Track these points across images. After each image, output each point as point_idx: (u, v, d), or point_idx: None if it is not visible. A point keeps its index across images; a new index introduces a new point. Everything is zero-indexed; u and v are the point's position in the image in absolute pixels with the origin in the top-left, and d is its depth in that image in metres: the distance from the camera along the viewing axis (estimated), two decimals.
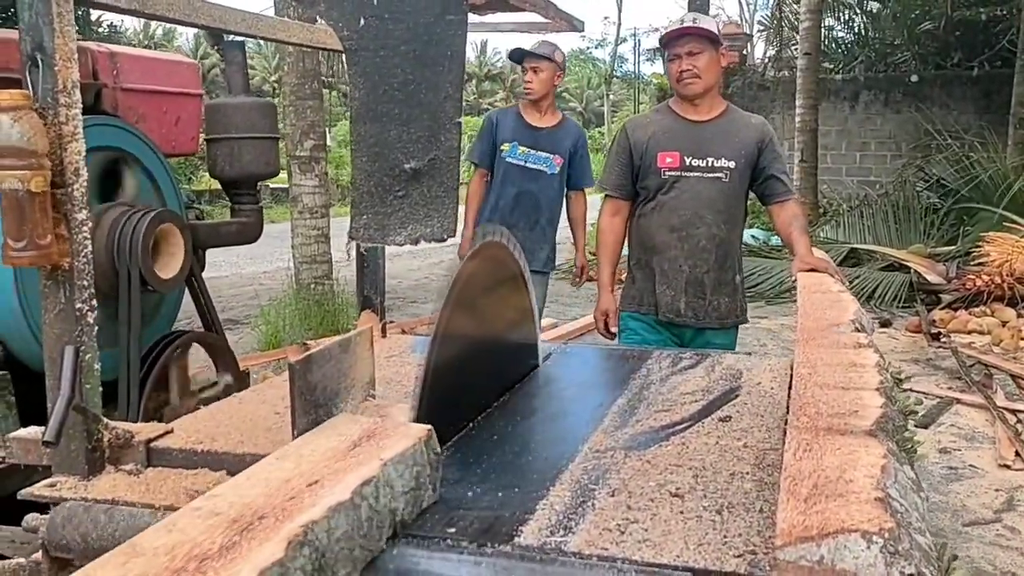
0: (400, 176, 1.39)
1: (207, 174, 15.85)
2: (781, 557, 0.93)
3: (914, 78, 12.97)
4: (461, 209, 1.96)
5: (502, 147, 4.31)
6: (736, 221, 3.10)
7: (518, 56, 4.29)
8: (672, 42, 2.95)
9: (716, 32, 3.00)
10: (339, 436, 1.24)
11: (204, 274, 3.20)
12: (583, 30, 3.11)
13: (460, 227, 3.08)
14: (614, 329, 3.19)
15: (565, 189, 4.46)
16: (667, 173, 2.98)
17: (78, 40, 1.41)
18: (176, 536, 0.96)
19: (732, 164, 2.97)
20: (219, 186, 3.50)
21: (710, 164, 2.97)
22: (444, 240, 1.45)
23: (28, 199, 1.25)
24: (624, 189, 3.09)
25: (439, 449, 1.28)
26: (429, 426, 1.27)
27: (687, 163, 2.97)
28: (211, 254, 3.49)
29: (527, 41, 4.35)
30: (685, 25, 2.94)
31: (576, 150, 4.40)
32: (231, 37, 2.76)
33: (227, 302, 8.32)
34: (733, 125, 3.04)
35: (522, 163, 4.29)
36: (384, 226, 1.40)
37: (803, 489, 1.09)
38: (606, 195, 3.15)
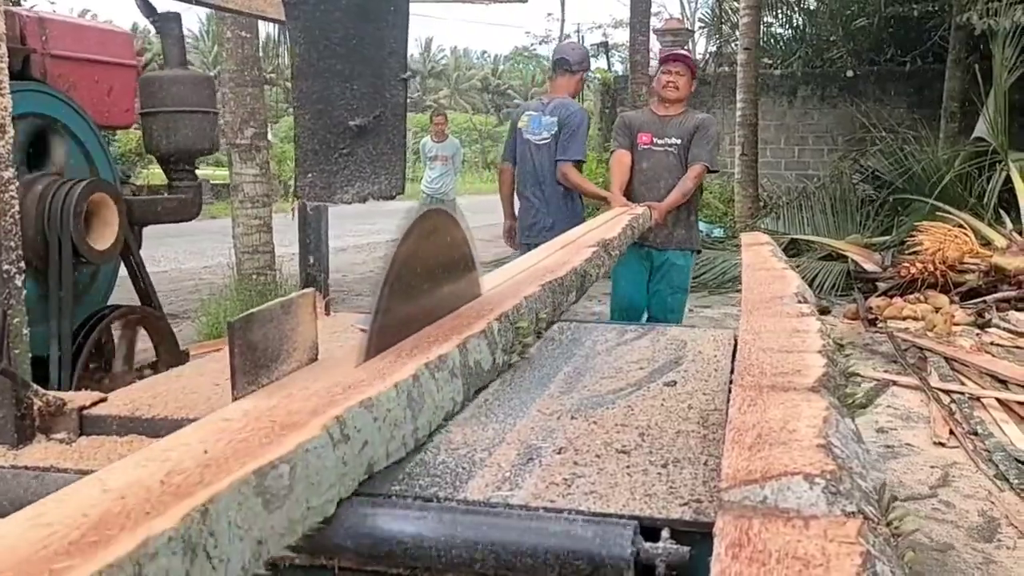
0: (345, 133, 1.36)
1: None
2: (726, 498, 0.94)
3: (849, 73, 13.21)
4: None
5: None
6: None
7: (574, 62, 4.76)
8: (669, 61, 4.55)
9: (696, 66, 4.72)
10: None
11: None
12: None
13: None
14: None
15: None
16: (642, 147, 4.55)
17: (5, 6, 1.35)
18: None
19: (679, 141, 4.49)
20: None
21: (666, 142, 4.51)
22: (393, 197, 1.42)
23: None
24: (626, 144, 4.57)
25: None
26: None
27: (655, 141, 4.53)
28: (148, 250, 3.37)
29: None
30: (682, 52, 4.88)
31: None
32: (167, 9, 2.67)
33: (166, 297, 8.11)
34: (685, 118, 4.54)
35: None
36: (330, 184, 1.36)
37: (747, 439, 1.10)
38: (616, 149, 4.64)
